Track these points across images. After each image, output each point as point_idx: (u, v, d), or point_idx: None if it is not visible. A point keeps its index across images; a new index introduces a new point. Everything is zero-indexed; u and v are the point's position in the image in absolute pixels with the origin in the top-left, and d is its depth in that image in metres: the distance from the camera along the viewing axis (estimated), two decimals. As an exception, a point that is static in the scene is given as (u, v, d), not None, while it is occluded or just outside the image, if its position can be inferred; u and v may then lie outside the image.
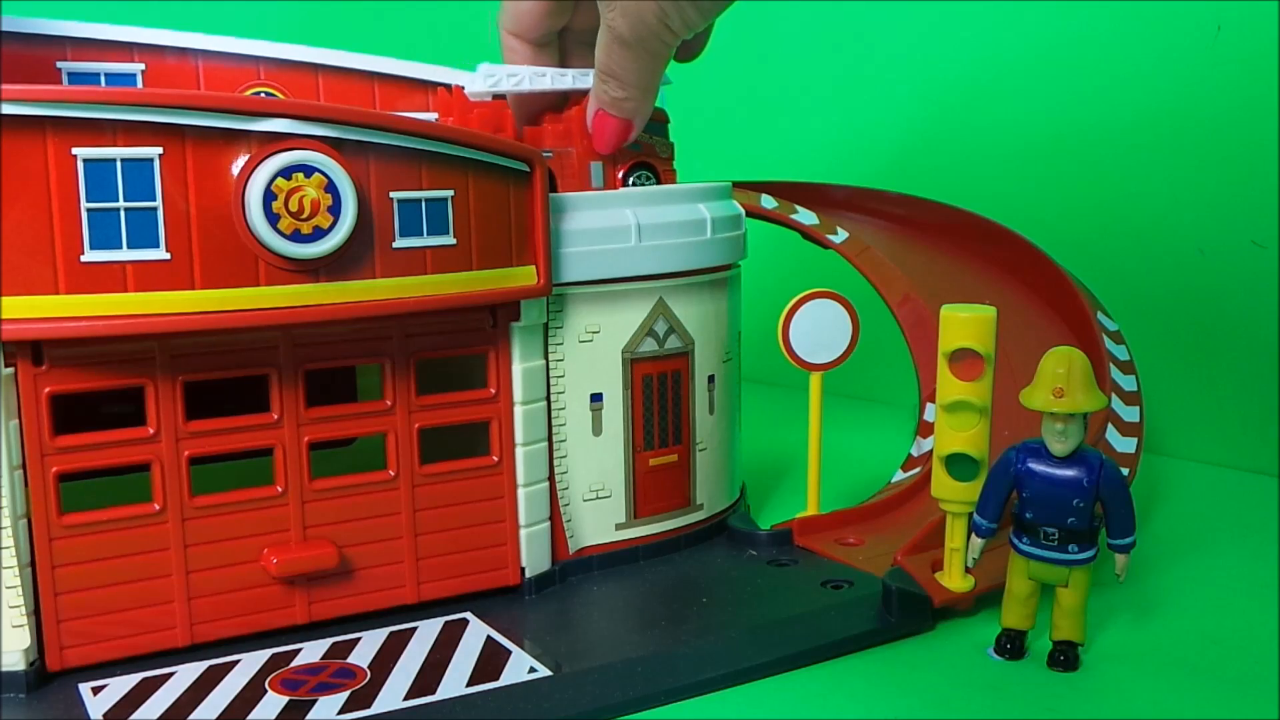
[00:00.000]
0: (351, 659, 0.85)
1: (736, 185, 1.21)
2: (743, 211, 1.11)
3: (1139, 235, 1.46)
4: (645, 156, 1.09)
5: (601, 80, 1.00)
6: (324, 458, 0.91)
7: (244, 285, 0.81)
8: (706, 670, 0.85)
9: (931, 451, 0.94)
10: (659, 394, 1.04)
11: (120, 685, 0.81)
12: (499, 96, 1.06)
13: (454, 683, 0.81)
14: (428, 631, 0.90)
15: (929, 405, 1.16)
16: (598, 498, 1.02)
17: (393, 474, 0.92)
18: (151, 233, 0.79)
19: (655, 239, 1.00)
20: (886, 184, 1.46)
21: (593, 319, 0.99)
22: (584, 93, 1.06)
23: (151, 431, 0.84)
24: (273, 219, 0.81)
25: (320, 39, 1.15)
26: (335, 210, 0.83)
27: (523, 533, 0.97)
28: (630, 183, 1.08)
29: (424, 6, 2.39)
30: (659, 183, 1.10)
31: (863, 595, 0.94)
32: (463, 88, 1.06)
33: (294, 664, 0.84)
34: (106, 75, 1.05)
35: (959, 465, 0.91)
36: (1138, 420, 1.13)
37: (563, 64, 1.10)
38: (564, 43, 1.11)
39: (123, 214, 0.78)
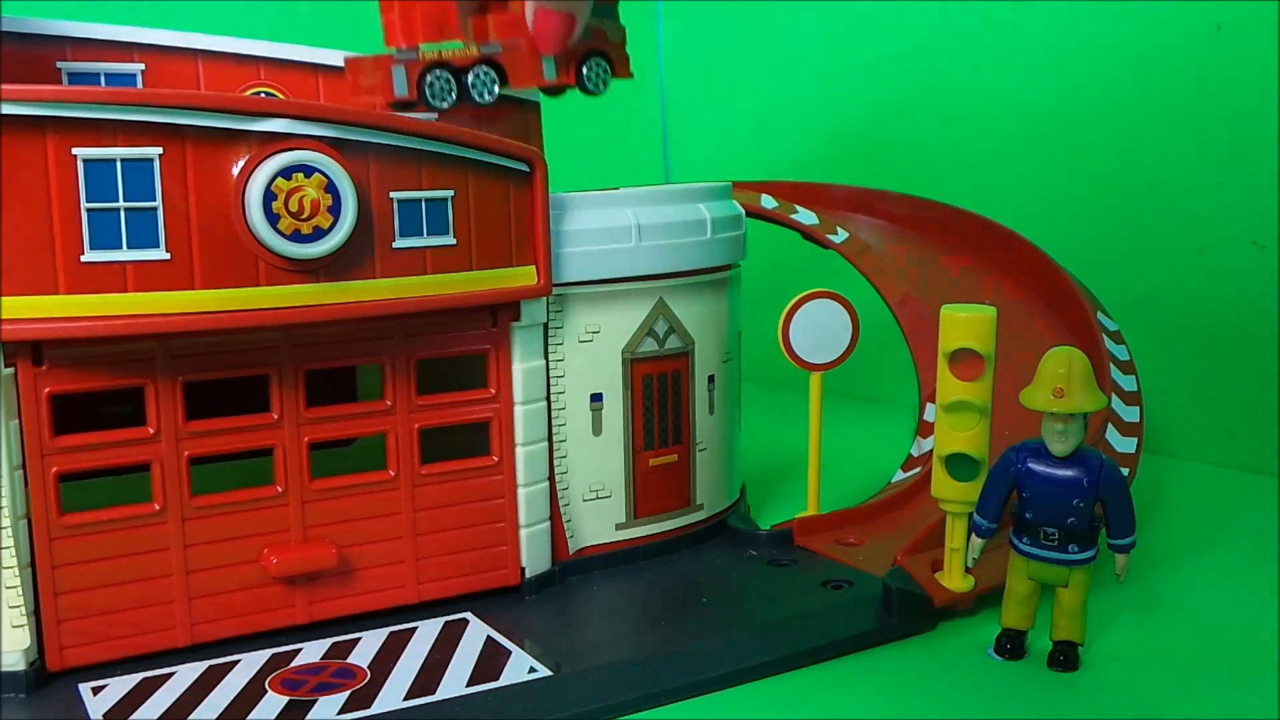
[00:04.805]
0: (351, 659, 0.85)
1: (736, 185, 1.21)
2: (743, 211, 1.11)
3: (1139, 235, 1.46)
4: (595, 44, 1.01)
5: None
6: (324, 458, 0.91)
7: (244, 285, 0.81)
8: (706, 670, 0.85)
9: (931, 451, 0.94)
10: (659, 394, 1.04)
11: (120, 685, 0.81)
12: None
13: (454, 683, 0.81)
14: (428, 631, 0.90)
15: (929, 405, 1.16)
16: (598, 498, 1.02)
17: (393, 474, 0.92)
18: (151, 233, 0.79)
19: (655, 239, 1.00)
20: (886, 184, 1.46)
21: (593, 319, 0.99)
22: None
23: (151, 431, 0.84)
24: (273, 219, 0.81)
25: (320, 39, 1.15)
26: (335, 210, 0.83)
27: (523, 533, 0.97)
28: (584, 74, 1.01)
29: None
30: (613, 70, 1.02)
31: (863, 595, 0.94)
32: None
33: (294, 664, 0.84)
34: (106, 75, 1.05)
35: (959, 465, 0.91)
36: (1138, 420, 1.13)
37: None
38: None
39: (123, 214, 0.78)
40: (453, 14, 0.94)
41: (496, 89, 0.97)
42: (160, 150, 0.78)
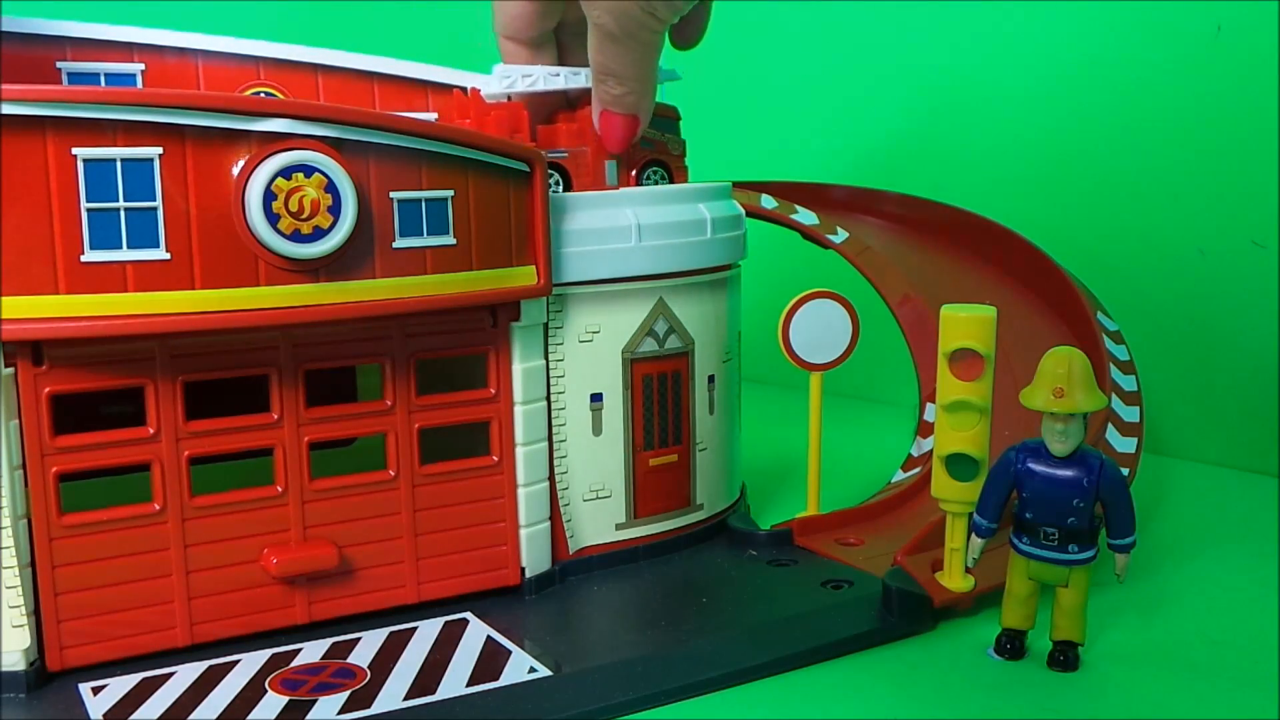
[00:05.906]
0: (351, 659, 0.85)
1: (736, 185, 1.21)
2: (743, 211, 1.11)
3: (1139, 235, 1.46)
4: (657, 154, 1.09)
5: (599, 80, 1.01)
6: (324, 458, 0.91)
7: (244, 285, 0.81)
8: (706, 670, 0.85)
9: (931, 451, 0.94)
10: (659, 394, 1.04)
11: (120, 685, 0.81)
12: (514, 97, 1.06)
13: (454, 683, 0.81)
14: (428, 631, 0.90)
15: (929, 405, 1.16)
16: (598, 498, 1.02)
17: (393, 474, 0.92)
18: (151, 233, 0.79)
19: (655, 239, 1.00)
20: (886, 184, 1.46)
21: (593, 319, 0.99)
22: None
23: (151, 431, 0.84)
24: (273, 219, 0.81)
25: (320, 39, 1.15)
26: (335, 210, 0.83)
27: (523, 533, 0.97)
28: (643, 180, 1.08)
29: (424, 6, 2.39)
30: (672, 179, 1.11)
31: (863, 595, 0.94)
32: (479, 90, 1.07)
33: (294, 664, 0.84)
34: (106, 75, 1.05)
35: (959, 465, 0.91)
36: (1138, 420, 1.13)
37: (561, 60, 1.11)
38: (560, 38, 1.11)
39: (123, 214, 0.78)
40: (524, 121, 0.99)
41: (560, 190, 1.04)
42: (160, 150, 0.78)
